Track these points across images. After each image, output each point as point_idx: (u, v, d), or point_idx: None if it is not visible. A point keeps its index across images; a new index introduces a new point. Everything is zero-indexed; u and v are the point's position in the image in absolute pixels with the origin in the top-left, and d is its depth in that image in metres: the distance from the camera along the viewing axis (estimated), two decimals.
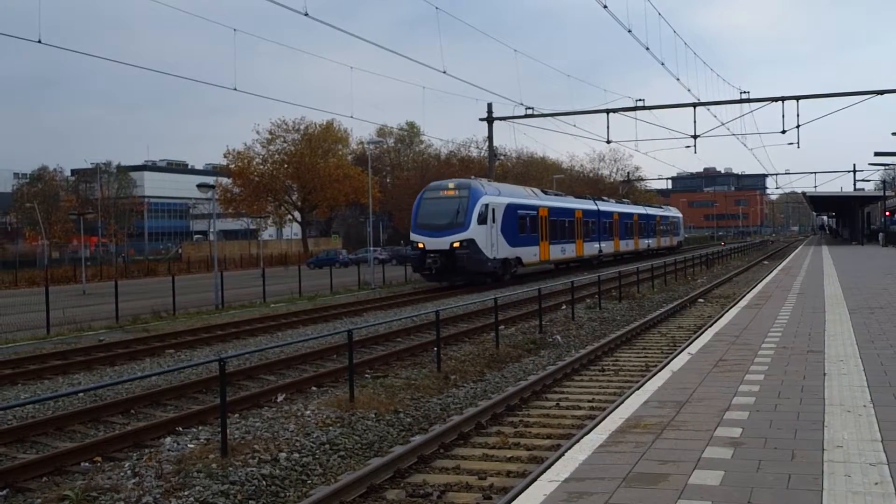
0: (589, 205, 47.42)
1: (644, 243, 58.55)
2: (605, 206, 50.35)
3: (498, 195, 34.15)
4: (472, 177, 39.17)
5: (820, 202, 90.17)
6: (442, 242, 31.35)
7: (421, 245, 31.78)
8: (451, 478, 7.99)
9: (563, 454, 6.36)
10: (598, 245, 47.14)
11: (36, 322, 22.07)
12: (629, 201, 63.76)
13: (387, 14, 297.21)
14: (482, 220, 31.86)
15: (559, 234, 40.50)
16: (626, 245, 53.70)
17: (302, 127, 77.26)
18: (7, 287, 45.88)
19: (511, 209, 34.53)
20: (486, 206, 32.26)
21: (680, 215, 77.28)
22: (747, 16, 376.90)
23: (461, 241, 31.13)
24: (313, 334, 18.39)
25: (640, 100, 40.67)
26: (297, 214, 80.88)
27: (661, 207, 73.25)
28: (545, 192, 42.33)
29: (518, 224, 35.27)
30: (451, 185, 33.80)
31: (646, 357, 15.01)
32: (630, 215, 55.49)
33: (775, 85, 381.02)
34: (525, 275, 37.95)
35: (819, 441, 6.16)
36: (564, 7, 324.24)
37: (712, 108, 40.88)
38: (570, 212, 42.77)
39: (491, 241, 32.17)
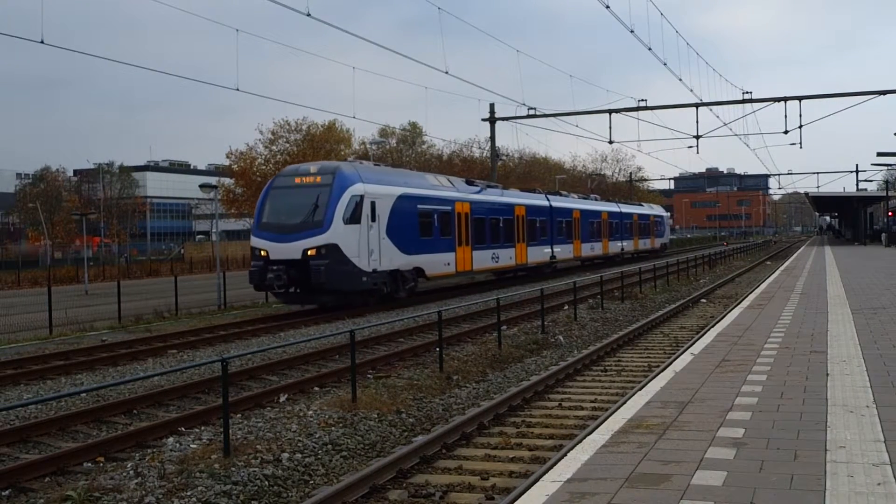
0: (537, 200, 38.42)
1: (616, 246, 50.41)
2: (559, 202, 41.15)
3: (384, 184, 25.09)
4: (351, 158, 29.06)
5: (822, 202, 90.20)
6: (291, 249, 22.52)
7: (263, 252, 22.94)
8: (454, 478, 7.99)
9: (565, 454, 6.36)
10: (549, 249, 38.52)
11: (38, 322, 22.10)
12: (598, 197, 56.32)
13: (389, 14, 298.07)
14: (353, 217, 23.02)
15: (489, 236, 31.73)
16: (592, 249, 45.46)
17: (304, 127, 77.14)
18: (10, 287, 45.90)
19: (407, 203, 25.80)
20: (361, 197, 23.29)
21: (665, 214, 68.94)
22: (749, 16, 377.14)
23: (318, 248, 22.35)
24: (315, 334, 18.36)
25: (642, 100, 40.71)
26: None
27: (640, 205, 63.61)
28: (470, 183, 33.11)
29: (420, 223, 26.56)
30: (311, 170, 24.39)
31: (648, 357, 15.01)
32: (597, 213, 46.95)
33: (777, 85, 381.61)
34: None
35: (822, 441, 6.15)
36: (566, 7, 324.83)
37: (715, 108, 40.92)
38: (505, 208, 33.58)
39: (368, 247, 23.40)
